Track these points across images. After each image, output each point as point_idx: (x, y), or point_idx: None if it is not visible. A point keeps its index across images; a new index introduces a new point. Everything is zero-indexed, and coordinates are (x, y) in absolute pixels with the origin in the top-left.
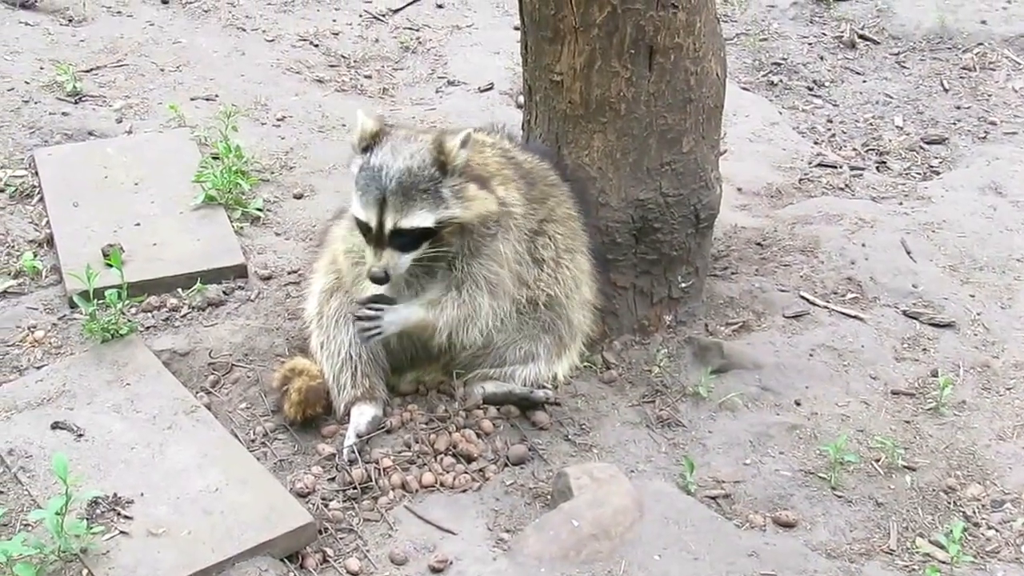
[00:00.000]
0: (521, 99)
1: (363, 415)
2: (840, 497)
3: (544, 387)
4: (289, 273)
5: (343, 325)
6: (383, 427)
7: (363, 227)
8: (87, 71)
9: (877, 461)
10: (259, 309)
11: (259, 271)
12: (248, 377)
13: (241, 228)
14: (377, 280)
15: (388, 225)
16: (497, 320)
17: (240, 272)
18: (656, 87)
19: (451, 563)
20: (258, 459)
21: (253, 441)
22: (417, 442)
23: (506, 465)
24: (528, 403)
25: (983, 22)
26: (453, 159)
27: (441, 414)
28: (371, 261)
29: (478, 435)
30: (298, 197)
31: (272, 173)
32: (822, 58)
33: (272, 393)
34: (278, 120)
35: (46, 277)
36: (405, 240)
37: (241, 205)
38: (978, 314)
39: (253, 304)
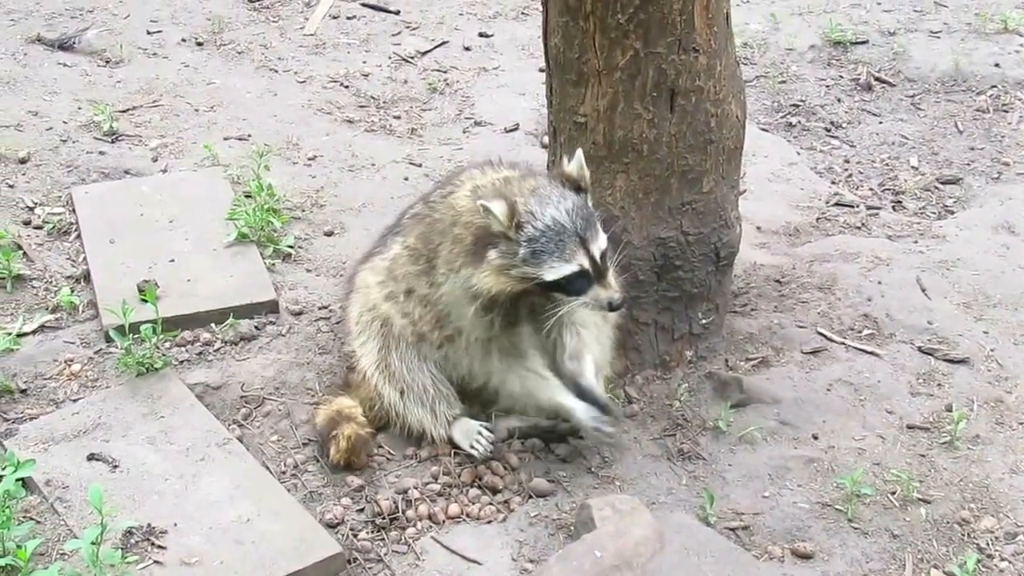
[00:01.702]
0: (546, 140)
1: (472, 424)
2: (857, 529)
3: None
4: (320, 308)
5: (417, 368)
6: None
7: (576, 275)
8: (123, 111)
9: (893, 494)
10: (290, 344)
11: (290, 306)
12: (279, 410)
13: (273, 265)
14: (621, 304)
15: (597, 255)
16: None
17: (272, 307)
18: (677, 129)
19: None
20: (288, 490)
21: (284, 473)
22: (445, 474)
23: (530, 497)
24: (553, 436)
25: (996, 65)
26: (587, 179)
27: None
28: (605, 295)
29: (504, 468)
30: (328, 235)
31: (303, 211)
32: (839, 100)
33: (315, 430)
34: (309, 159)
35: (83, 312)
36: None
37: (273, 242)
38: (992, 350)
39: (284, 339)
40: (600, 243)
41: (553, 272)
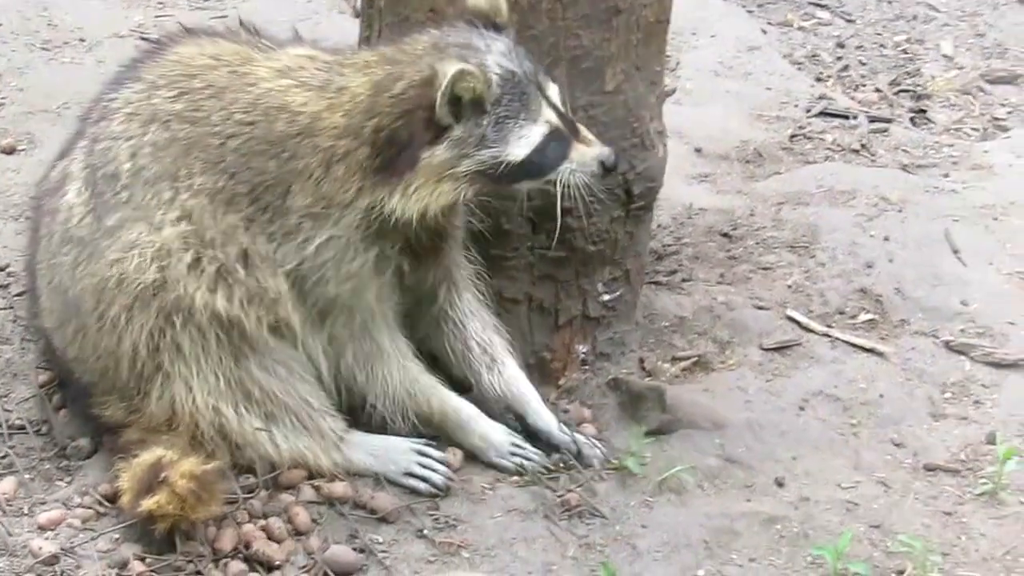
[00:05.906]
0: (359, 4)
1: (392, 441)
2: None
3: None
4: None
5: (288, 373)
6: None
7: (548, 138)
8: None
9: (901, 573)
10: None
11: None
12: None
13: None
14: (617, 160)
15: (559, 103)
16: None
17: None
18: None
19: None
20: None
21: None
22: (189, 538)
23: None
24: None
25: None
26: (503, 10)
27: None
28: (592, 152)
29: (287, 527)
30: (8, 152)
31: None
32: None
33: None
34: None
35: None
36: None
37: None
38: None
39: None
40: (555, 88)
41: (522, 143)
